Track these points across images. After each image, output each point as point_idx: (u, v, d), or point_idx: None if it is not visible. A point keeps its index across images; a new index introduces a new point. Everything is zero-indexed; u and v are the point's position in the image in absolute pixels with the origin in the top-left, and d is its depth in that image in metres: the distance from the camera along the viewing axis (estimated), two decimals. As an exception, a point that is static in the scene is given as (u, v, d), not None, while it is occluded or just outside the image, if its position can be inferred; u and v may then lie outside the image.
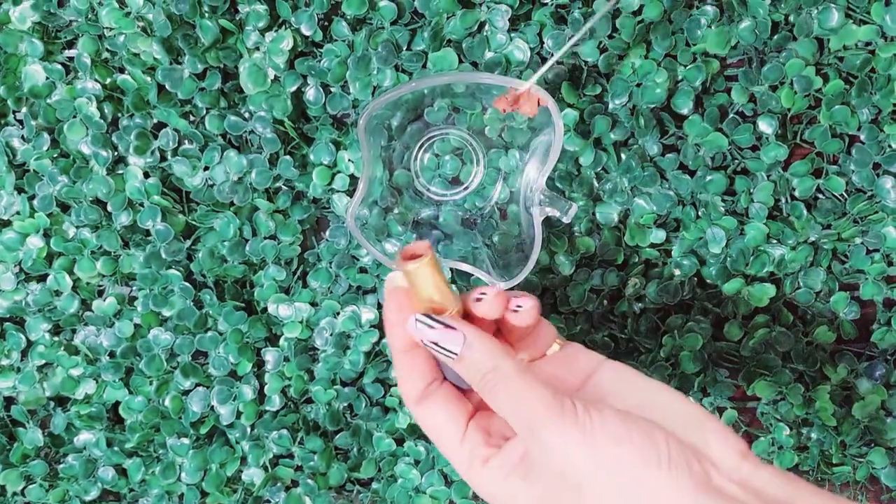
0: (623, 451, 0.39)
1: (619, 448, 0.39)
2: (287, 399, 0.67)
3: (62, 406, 0.68)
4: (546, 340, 0.49)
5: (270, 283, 0.65)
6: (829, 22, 0.62)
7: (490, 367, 0.43)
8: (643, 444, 0.39)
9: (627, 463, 0.39)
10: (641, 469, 0.39)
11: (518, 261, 0.59)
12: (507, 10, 0.62)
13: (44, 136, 0.64)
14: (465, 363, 0.44)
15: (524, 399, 0.41)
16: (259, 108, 0.63)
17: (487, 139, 0.63)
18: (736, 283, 0.65)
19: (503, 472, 0.43)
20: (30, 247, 0.64)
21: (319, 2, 0.62)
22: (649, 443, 0.39)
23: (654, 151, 0.64)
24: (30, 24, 0.63)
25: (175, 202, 0.65)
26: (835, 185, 0.64)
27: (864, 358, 0.66)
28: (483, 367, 0.43)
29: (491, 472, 0.43)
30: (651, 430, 0.40)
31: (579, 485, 0.40)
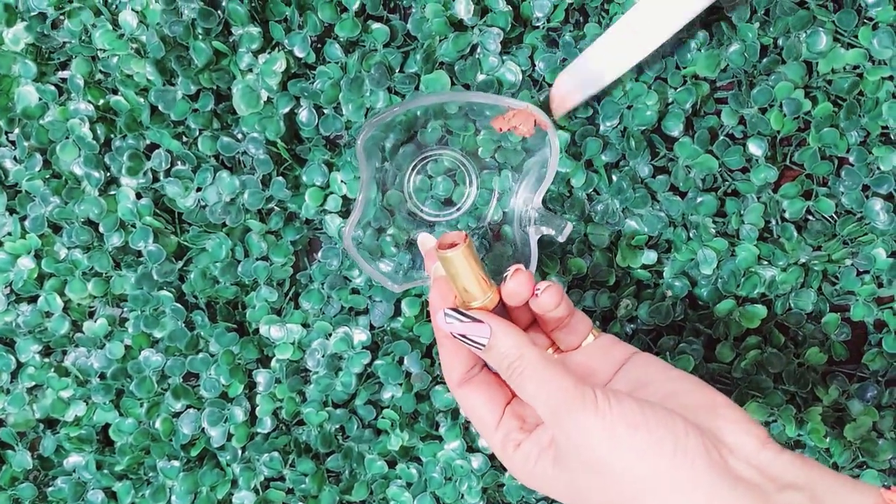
0: (639, 438, 0.41)
1: (634, 435, 0.41)
2: (279, 421, 0.66)
3: (52, 428, 0.67)
4: (581, 331, 0.51)
5: (262, 304, 0.65)
6: (818, 45, 0.62)
7: (516, 356, 0.45)
8: (659, 432, 0.41)
9: (643, 449, 0.40)
10: (657, 456, 0.40)
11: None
12: (498, 32, 0.62)
13: (36, 157, 0.63)
14: (492, 353, 0.46)
15: (548, 387, 0.43)
16: (252, 129, 0.63)
17: (480, 160, 0.63)
18: (727, 305, 0.64)
19: (533, 456, 0.45)
20: (21, 268, 0.64)
21: (312, 24, 0.62)
22: (665, 430, 0.41)
23: (645, 173, 0.64)
24: (23, 45, 0.62)
25: (167, 223, 0.64)
26: (825, 206, 0.64)
27: (856, 379, 0.66)
28: (509, 357, 0.45)
29: (523, 455, 0.45)
30: (668, 418, 0.41)
31: (601, 471, 0.41)
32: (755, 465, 0.41)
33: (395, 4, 0.64)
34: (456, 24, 0.62)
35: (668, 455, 0.40)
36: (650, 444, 0.40)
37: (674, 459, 0.40)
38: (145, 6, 0.62)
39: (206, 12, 0.61)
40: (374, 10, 0.62)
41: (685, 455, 0.40)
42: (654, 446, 0.40)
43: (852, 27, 0.62)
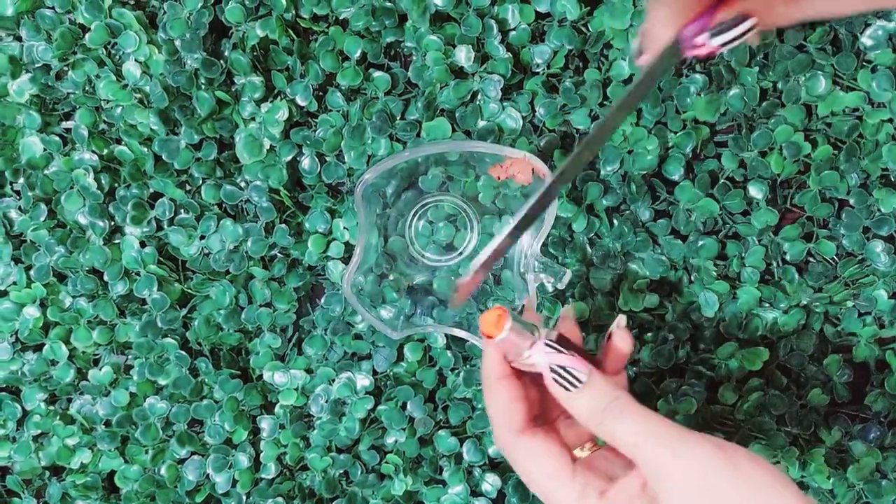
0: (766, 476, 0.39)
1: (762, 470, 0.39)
2: (283, 466, 0.65)
3: (58, 476, 0.65)
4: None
5: (266, 350, 0.64)
6: (817, 89, 0.61)
7: (614, 396, 0.42)
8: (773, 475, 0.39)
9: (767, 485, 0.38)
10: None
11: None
12: (499, 79, 0.61)
13: (41, 207, 0.62)
14: (588, 392, 0.42)
15: (651, 425, 0.40)
16: (255, 177, 0.62)
17: (481, 206, 0.62)
18: (729, 347, 0.63)
19: (623, 499, 0.41)
20: (26, 317, 0.63)
21: (314, 73, 0.61)
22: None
23: (646, 217, 0.63)
24: (28, 96, 0.62)
25: (171, 271, 0.63)
26: (825, 248, 0.63)
27: (858, 420, 0.65)
28: (607, 398, 0.42)
29: (610, 500, 0.41)
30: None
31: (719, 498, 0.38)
32: None
33: (395, 52, 0.63)
34: (456, 71, 0.61)
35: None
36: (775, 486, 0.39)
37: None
38: (148, 57, 0.61)
39: (209, 62, 0.60)
40: (376, 58, 0.61)
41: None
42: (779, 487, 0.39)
43: (851, 70, 0.61)
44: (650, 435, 0.40)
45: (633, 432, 0.41)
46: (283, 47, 0.61)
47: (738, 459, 0.39)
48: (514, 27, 0.61)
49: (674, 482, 0.39)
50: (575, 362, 0.43)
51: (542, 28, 0.62)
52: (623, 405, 0.41)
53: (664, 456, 0.39)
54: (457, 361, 0.64)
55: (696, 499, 0.39)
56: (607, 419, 0.41)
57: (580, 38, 0.61)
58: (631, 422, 0.41)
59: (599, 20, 0.61)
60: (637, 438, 0.40)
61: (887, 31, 0.60)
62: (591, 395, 0.42)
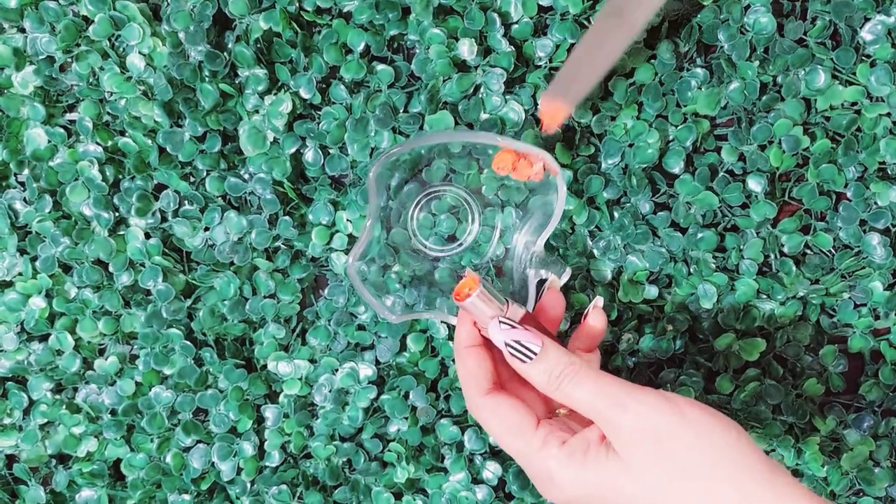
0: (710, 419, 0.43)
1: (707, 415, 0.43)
2: (287, 455, 0.65)
3: (64, 464, 0.65)
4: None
5: (270, 340, 0.63)
6: (816, 83, 0.60)
7: (567, 362, 0.45)
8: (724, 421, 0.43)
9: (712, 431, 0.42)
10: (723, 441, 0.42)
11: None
12: (501, 72, 0.60)
13: (46, 199, 0.61)
14: (541, 363, 0.45)
15: (605, 384, 0.43)
16: (259, 169, 0.61)
17: (483, 198, 0.62)
18: (727, 338, 0.63)
19: (581, 450, 0.44)
20: (32, 307, 0.62)
21: (318, 66, 0.60)
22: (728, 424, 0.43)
23: (646, 210, 0.62)
24: (32, 88, 0.61)
25: (176, 262, 0.63)
26: (823, 241, 0.62)
27: (853, 410, 0.65)
28: (560, 364, 0.45)
29: (569, 450, 0.44)
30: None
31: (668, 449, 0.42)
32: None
33: (399, 45, 0.62)
34: (459, 64, 0.60)
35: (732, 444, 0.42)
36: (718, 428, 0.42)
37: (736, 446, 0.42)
38: (152, 49, 0.60)
39: (213, 55, 0.59)
40: (379, 51, 0.61)
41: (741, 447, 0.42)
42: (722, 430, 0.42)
43: (850, 65, 0.60)
44: (603, 395, 0.43)
45: (588, 393, 0.44)
46: (286, 40, 0.60)
47: (683, 406, 0.43)
48: (516, 21, 0.60)
49: (626, 432, 0.42)
50: (529, 336, 0.46)
51: (544, 22, 0.61)
52: (576, 370, 0.44)
53: (616, 411, 0.43)
54: (459, 352, 0.63)
55: (647, 444, 0.42)
56: (563, 384, 0.44)
57: (582, 32, 0.60)
58: (584, 385, 0.44)
59: (602, 14, 0.60)
60: (591, 398, 0.44)
61: (887, 25, 0.60)
62: (547, 364, 0.45)
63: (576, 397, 0.44)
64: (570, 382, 0.44)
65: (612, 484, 0.43)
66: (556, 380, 0.45)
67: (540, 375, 0.45)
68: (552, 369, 0.45)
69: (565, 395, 0.44)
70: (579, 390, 0.44)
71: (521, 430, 0.45)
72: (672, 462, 0.42)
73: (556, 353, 0.45)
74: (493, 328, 0.46)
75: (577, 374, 0.44)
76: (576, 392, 0.44)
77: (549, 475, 0.44)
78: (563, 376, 0.44)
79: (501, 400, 0.47)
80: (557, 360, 0.45)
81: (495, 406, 0.46)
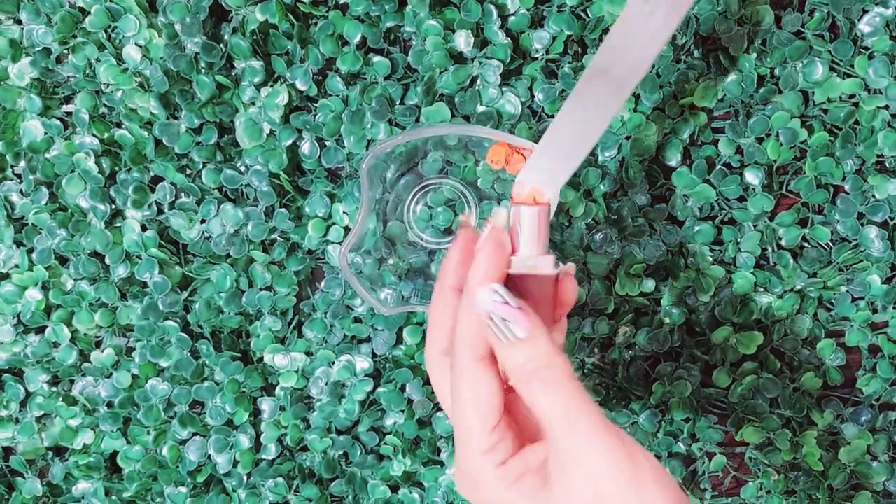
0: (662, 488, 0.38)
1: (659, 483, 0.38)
2: (283, 447, 0.64)
3: (60, 456, 0.65)
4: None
5: (266, 333, 0.63)
6: (814, 75, 0.60)
7: (548, 364, 0.39)
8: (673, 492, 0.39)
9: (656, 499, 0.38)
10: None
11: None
12: (498, 65, 0.60)
13: (42, 191, 0.61)
14: (524, 350, 0.39)
15: (574, 410, 0.38)
16: (255, 161, 0.61)
17: (480, 190, 0.61)
18: (724, 331, 0.62)
19: (516, 474, 0.40)
20: (28, 299, 0.62)
21: (314, 57, 0.60)
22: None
23: (643, 202, 0.62)
24: (28, 80, 0.60)
25: (172, 254, 0.62)
26: (820, 234, 0.62)
27: (850, 403, 0.64)
28: (541, 362, 0.39)
29: (506, 471, 0.40)
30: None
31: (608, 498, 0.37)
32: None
33: (395, 37, 0.61)
34: (456, 56, 0.60)
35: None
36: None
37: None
38: (149, 41, 0.59)
39: (209, 46, 0.59)
40: (375, 43, 0.60)
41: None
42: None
43: (848, 57, 0.60)
44: (567, 420, 0.38)
45: (552, 409, 0.38)
46: (282, 32, 0.60)
47: (643, 475, 0.38)
48: (513, 12, 0.60)
49: (570, 478, 0.38)
50: (520, 318, 0.39)
51: (541, 13, 0.60)
52: (554, 377, 0.39)
53: (572, 446, 0.38)
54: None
55: (585, 494, 0.38)
56: (533, 382, 0.39)
57: (579, 24, 0.59)
58: (554, 395, 0.38)
59: (598, 6, 0.59)
60: (553, 416, 0.38)
61: (885, 17, 0.59)
62: (527, 354, 0.39)
63: (539, 402, 0.39)
64: (540, 385, 0.39)
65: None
66: (528, 374, 0.39)
67: (513, 362, 0.39)
68: (529, 362, 0.39)
69: (529, 394, 0.39)
70: (545, 398, 0.39)
71: (483, 421, 0.40)
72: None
73: (543, 347, 0.39)
74: (483, 294, 0.39)
75: (552, 381, 0.39)
76: (541, 398, 0.39)
77: (475, 481, 0.41)
78: (537, 375, 0.39)
79: (487, 379, 0.40)
80: (541, 354, 0.39)
81: (476, 382, 0.40)
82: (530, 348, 0.39)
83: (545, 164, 0.44)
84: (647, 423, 0.63)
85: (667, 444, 0.64)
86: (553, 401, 0.38)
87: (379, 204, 0.60)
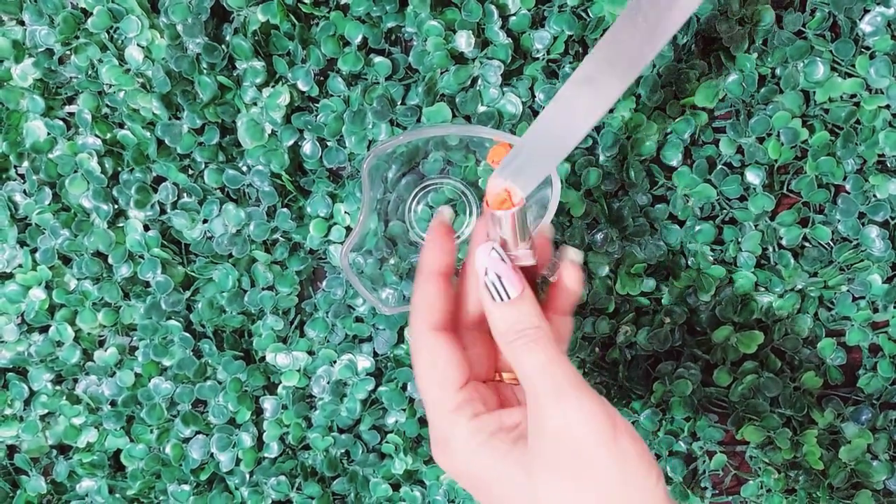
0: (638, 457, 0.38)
1: (637, 449, 0.38)
2: (285, 446, 0.65)
3: (64, 454, 0.65)
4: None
5: (268, 332, 0.63)
6: (815, 75, 0.60)
7: (535, 324, 0.41)
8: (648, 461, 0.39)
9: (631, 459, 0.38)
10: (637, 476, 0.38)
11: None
12: (499, 65, 0.60)
13: (45, 191, 0.61)
14: (512, 310, 0.41)
15: (556, 366, 0.39)
16: (257, 161, 0.61)
17: (481, 190, 0.61)
18: (725, 331, 0.62)
19: (488, 430, 0.40)
20: (32, 299, 0.62)
21: (315, 58, 0.60)
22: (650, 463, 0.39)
23: (644, 202, 0.62)
24: (31, 80, 0.60)
25: (174, 254, 0.62)
26: (821, 234, 0.62)
27: (851, 402, 0.64)
28: (527, 322, 0.41)
29: (477, 426, 0.40)
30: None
31: (575, 464, 0.38)
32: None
33: (396, 38, 0.61)
34: (457, 56, 0.60)
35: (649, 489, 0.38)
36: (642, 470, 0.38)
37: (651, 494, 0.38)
38: (151, 41, 0.60)
39: (211, 47, 0.59)
40: (376, 43, 0.60)
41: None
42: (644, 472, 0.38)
43: (850, 57, 0.60)
44: (548, 375, 0.39)
45: (536, 364, 0.40)
46: (284, 32, 0.60)
47: (620, 431, 0.38)
48: (514, 13, 0.60)
49: (550, 426, 0.39)
50: (513, 277, 0.42)
51: (542, 13, 0.60)
52: (539, 337, 0.40)
53: (550, 399, 0.39)
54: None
55: (563, 450, 0.38)
56: (518, 343, 0.40)
57: (580, 24, 0.59)
58: (537, 355, 0.40)
59: (599, 6, 0.59)
60: (536, 371, 0.40)
61: (886, 17, 0.59)
62: (515, 314, 0.41)
63: (522, 362, 0.40)
64: (524, 344, 0.40)
65: (504, 472, 0.39)
66: (515, 334, 0.41)
67: (502, 321, 0.41)
68: (517, 322, 0.41)
69: (514, 355, 0.41)
70: (529, 357, 0.40)
71: (444, 382, 0.42)
72: (578, 482, 0.38)
73: (530, 309, 0.41)
74: (482, 252, 0.42)
75: (536, 340, 0.40)
76: (526, 357, 0.40)
77: (445, 441, 0.41)
78: (523, 334, 0.41)
79: (443, 343, 0.42)
80: (528, 317, 0.41)
81: (434, 346, 0.42)
82: (519, 308, 0.41)
83: (521, 165, 0.45)
84: (647, 422, 0.63)
85: (667, 443, 0.64)
86: (536, 360, 0.40)
87: (380, 204, 0.60)
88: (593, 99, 0.43)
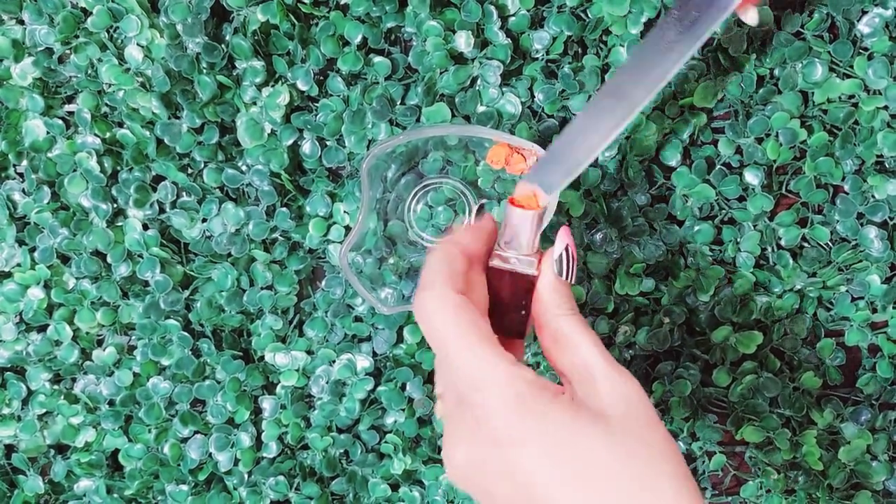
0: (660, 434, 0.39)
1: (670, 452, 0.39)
2: (284, 446, 0.64)
3: (62, 454, 0.65)
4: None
5: (267, 332, 0.63)
6: (814, 76, 0.60)
7: (575, 309, 0.44)
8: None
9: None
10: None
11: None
12: (498, 65, 0.60)
13: (44, 190, 0.61)
14: (569, 290, 0.44)
15: (602, 346, 0.41)
16: (256, 161, 0.61)
17: (480, 190, 0.61)
18: (724, 331, 0.62)
19: (553, 390, 0.39)
20: (30, 298, 0.62)
21: (315, 58, 0.60)
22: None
23: (643, 202, 0.62)
24: (30, 79, 0.60)
25: (173, 253, 0.62)
26: (820, 234, 0.62)
27: (850, 403, 0.64)
28: (573, 305, 0.44)
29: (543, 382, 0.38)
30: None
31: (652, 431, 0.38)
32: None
33: (396, 38, 0.61)
34: (456, 56, 0.60)
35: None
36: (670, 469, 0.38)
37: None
38: (150, 41, 0.59)
39: (211, 47, 0.59)
40: (376, 43, 0.60)
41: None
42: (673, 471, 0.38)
43: (848, 57, 0.60)
44: (601, 349, 0.41)
45: (590, 340, 0.41)
46: (283, 32, 0.60)
47: (657, 431, 0.38)
48: (513, 13, 0.60)
49: (604, 391, 0.39)
50: (575, 264, 0.45)
51: (541, 14, 0.60)
52: (582, 319, 0.43)
53: (608, 372, 0.40)
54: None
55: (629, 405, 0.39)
56: (574, 318, 0.43)
57: (579, 25, 0.59)
58: (590, 332, 0.42)
59: (598, 7, 0.59)
60: (592, 343, 0.41)
61: (884, 18, 0.59)
62: (569, 294, 0.44)
63: (580, 331, 0.42)
64: (580, 321, 0.43)
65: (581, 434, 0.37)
66: (571, 310, 0.43)
67: (561, 295, 0.44)
68: (570, 299, 0.44)
69: (570, 325, 0.42)
70: (585, 330, 0.42)
71: (490, 338, 0.39)
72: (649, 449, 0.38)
73: (573, 297, 0.45)
74: (567, 232, 0.45)
75: (582, 321, 0.43)
76: (583, 327, 0.42)
77: (515, 401, 0.37)
78: (574, 311, 0.43)
79: (472, 307, 0.40)
80: (573, 300, 0.44)
81: (465, 305, 0.40)
82: (571, 292, 0.45)
83: (550, 170, 0.47)
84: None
85: (666, 444, 0.63)
86: (590, 335, 0.42)
87: (379, 203, 0.60)
88: (622, 108, 0.47)
